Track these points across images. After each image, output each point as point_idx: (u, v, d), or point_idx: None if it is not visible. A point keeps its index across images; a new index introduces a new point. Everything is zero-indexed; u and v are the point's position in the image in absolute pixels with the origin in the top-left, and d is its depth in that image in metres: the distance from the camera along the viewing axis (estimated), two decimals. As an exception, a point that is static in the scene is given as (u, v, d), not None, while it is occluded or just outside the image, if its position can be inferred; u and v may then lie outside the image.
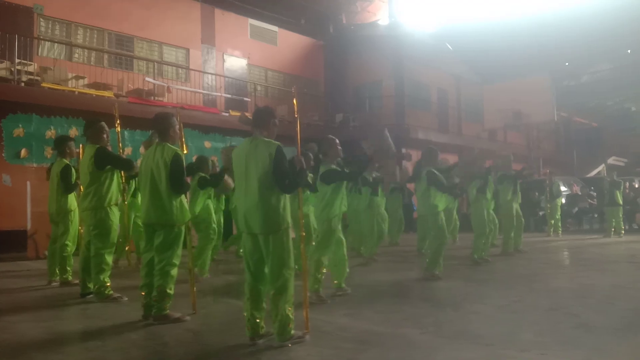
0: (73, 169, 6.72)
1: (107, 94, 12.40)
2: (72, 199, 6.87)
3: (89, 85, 12.62)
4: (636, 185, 18.76)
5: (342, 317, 4.94)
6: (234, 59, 17.52)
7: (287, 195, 4.12)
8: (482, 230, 8.79)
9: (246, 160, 4.06)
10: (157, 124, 4.92)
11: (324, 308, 5.27)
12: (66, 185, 6.69)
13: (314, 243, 5.83)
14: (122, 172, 6.26)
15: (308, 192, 6.35)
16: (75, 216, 6.87)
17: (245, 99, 16.47)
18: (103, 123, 5.91)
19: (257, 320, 4.02)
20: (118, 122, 6.52)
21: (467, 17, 20.66)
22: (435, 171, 7.35)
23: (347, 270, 6.09)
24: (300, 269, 4.52)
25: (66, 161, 6.78)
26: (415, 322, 4.70)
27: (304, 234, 4.55)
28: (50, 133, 11.01)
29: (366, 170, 7.63)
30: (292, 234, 4.12)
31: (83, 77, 12.58)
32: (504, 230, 9.89)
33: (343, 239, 5.89)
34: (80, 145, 6.39)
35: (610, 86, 28.67)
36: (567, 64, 23.99)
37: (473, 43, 19.77)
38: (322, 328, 4.43)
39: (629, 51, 23.00)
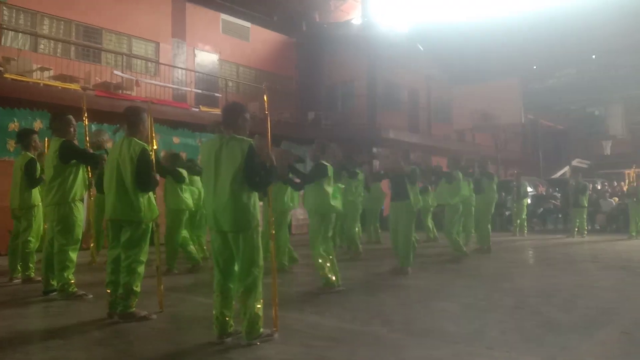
0: (38, 163, 6.55)
1: (73, 86, 12.08)
2: (36, 194, 6.70)
3: (55, 77, 12.27)
4: (598, 187, 19.30)
5: (312, 314, 4.94)
6: (205, 54, 17.32)
7: (257, 193, 4.08)
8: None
9: (216, 158, 3.99)
10: (128, 117, 4.82)
11: (294, 306, 5.26)
12: (30, 179, 6.52)
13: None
14: (88, 167, 6.13)
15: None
16: (39, 211, 6.70)
17: (216, 94, 16.29)
18: (70, 116, 5.76)
19: (227, 319, 3.99)
20: (85, 115, 6.37)
21: (440, 18, 20.82)
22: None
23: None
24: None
25: (30, 155, 6.60)
26: (383, 320, 4.73)
27: (274, 232, 4.55)
28: (14, 125, 10.65)
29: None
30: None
31: (49, 69, 12.24)
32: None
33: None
34: (46, 139, 6.22)
35: (575, 90, 29.32)
36: (534, 67, 24.42)
37: (444, 44, 19.98)
38: (292, 326, 4.42)
39: (593, 56, 23.54)
